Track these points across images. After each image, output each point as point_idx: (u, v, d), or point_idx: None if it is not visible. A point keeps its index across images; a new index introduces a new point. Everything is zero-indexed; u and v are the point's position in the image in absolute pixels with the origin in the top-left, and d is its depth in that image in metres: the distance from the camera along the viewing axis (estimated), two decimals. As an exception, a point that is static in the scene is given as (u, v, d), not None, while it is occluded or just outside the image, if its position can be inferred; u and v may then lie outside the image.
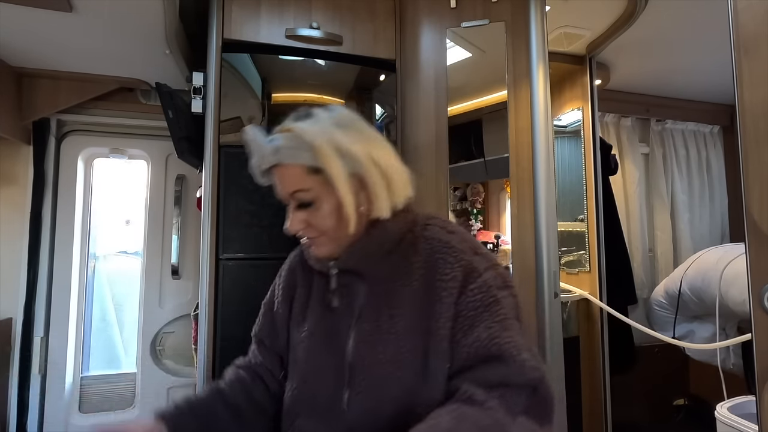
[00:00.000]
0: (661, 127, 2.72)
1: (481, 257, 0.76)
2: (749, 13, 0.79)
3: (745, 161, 0.79)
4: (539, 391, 0.69)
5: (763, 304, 0.75)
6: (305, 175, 0.72)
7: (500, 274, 0.75)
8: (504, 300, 0.72)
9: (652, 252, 2.63)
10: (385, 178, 0.73)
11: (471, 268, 0.73)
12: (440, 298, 0.72)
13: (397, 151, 0.83)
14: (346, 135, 0.72)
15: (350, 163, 0.70)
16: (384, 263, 0.76)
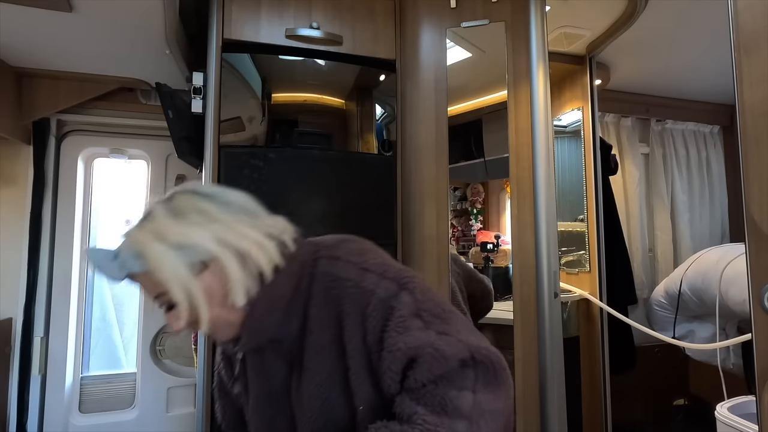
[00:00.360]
0: (661, 127, 2.72)
1: (369, 272, 0.71)
2: (749, 13, 0.79)
3: (745, 161, 0.79)
4: (478, 360, 0.66)
5: (763, 304, 0.75)
6: (158, 280, 0.65)
7: (392, 278, 0.71)
8: (401, 303, 0.68)
9: (652, 252, 2.63)
10: (237, 255, 0.66)
11: (362, 291, 0.69)
12: (351, 334, 0.69)
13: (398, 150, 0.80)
14: (182, 224, 0.66)
15: (190, 253, 0.64)
16: (284, 324, 0.71)
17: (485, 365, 0.66)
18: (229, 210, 0.70)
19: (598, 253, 1.93)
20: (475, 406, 0.62)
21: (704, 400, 2.33)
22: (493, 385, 0.65)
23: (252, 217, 0.71)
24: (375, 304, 0.68)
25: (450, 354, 0.65)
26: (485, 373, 0.66)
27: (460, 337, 0.67)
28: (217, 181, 1.32)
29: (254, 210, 0.72)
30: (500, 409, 0.65)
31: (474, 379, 0.65)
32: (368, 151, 1.50)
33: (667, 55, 2.09)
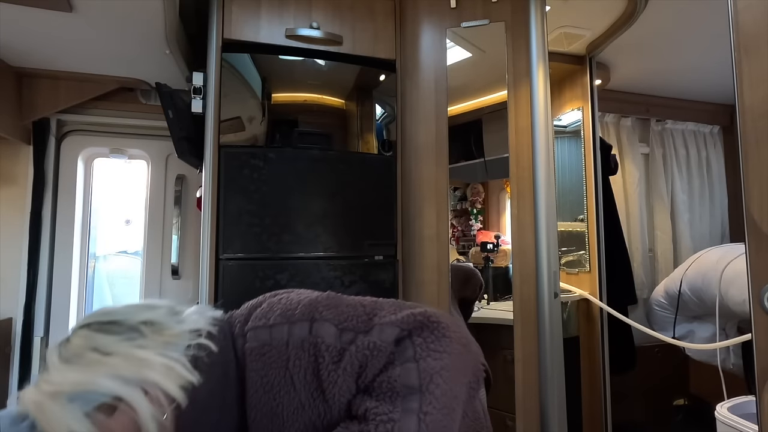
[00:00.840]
0: (661, 127, 2.72)
1: (277, 327, 0.68)
2: (749, 13, 0.79)
3: (745, 161, 0.79)
4: (410, 329, 0.64)
5: (763, 304, 0.75)
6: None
7: (300, 317, 0.67)
8: (319, 336, 0.65)
9: (652, 252, 2.62)
10: (141, 389, 0.60)
11: (278, 351, 0.66)
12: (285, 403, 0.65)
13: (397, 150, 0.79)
14: (75, 370, 0.61)
15: (88, 401, 0.59)
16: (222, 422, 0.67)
17: (419, 329, 0.64)
18: (129, 334, 0.64)
19: (598, 253, 1.93)
20: (423, 374, 0.61)
21: (704, 400, 2.33)
22: (434, 343, 0.63)
23: (158, 330, 0.65)
24: (295, 353, 0.65)
25: (381, 342, 0.63)
26: (422, 336, 0.64)
27: (387, 320, 0.65)
28: (217, 181, 1.32)
29: (162, 320, 0.67)
30: (450, 362, 0.63)
31: (412, 348, 0.63)
32: (368, 151, 1.50)
33: (667, 55, 2.09)
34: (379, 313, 0.68)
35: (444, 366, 0.62)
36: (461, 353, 0.65)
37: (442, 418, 0.60)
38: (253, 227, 1.32)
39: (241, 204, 1.32)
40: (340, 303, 0.70)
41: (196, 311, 0.72)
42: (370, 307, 0.69)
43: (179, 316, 0.69)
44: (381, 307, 0.69)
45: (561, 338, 1.40)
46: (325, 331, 0.66)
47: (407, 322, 0.64)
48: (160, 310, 0.69)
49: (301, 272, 1.35)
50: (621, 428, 1.96)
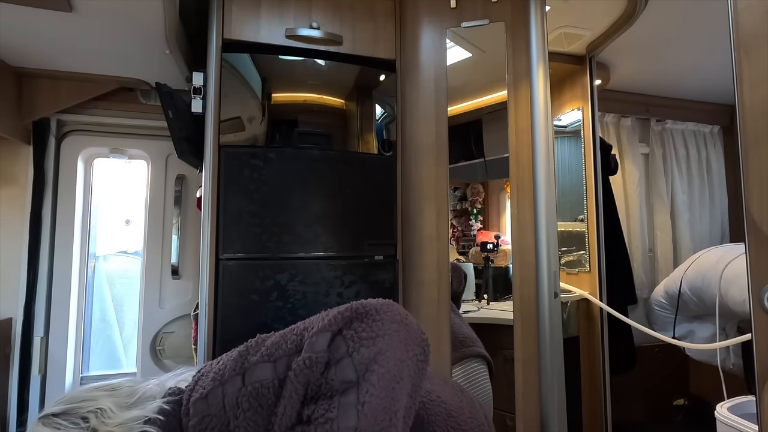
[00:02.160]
0: (661, 127, 2.72)
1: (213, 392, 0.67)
2: (749, 13, 0.79)
3: (745, 161, 0.79)
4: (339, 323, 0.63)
5: (763, 304, 0.75)
6: None
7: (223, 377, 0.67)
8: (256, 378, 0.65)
9: (652, 252, 2.63)
10: None
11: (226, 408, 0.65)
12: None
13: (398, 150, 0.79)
14: None
15: None
16: None
17: (348, 322, 0.63)
18: (73, 428, 0.65)
19: (598, 253, 1.93)
20: (358, 366, 0.60)
21: (704, 400, 2.33)
22: (365, 331, 0.62)
23: (104, 421, 0.66)
24: (234, 412, 0.64)
25: (316, 353, 0.62)
26: (353, 329, 0.63)
27: (315, 330, 0.65)
28: (217, 181, 1.32)
29: (111, 408, 0.68)
30: (388, 344, 0.62)
31: (345, 343, 0.62)
32: (368, 151, 1.50)
33: (667, 55, 2.09)
34: (309, 327, 0.67)
35: (379, 350, 0.61)
36: (397, 331, 0.64)
37: (382, 401, 0.59)
38: (253, 227, 1.32)
39: (241, 204, 1.32)
40: (266, 340, 0.69)
41: (157, 384, 0.72)
42: (300, 328, 0.68)
43: (135, 397, 0.70)
44: (311, 322, 0.68)
45: (561, 338, 1.40)
46: (259, 373, 0.65)
47: (335, 321, 0.64)
48: (118, 392, 0.70)
49: (301, 272, 1.35)
50: (621, 428, 1.96)
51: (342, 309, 0.65)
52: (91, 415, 0.66)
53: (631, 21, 1.67)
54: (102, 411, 0.67)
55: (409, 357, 0.64)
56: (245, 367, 0.67)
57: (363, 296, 1.28)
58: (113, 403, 0.68)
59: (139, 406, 0.68)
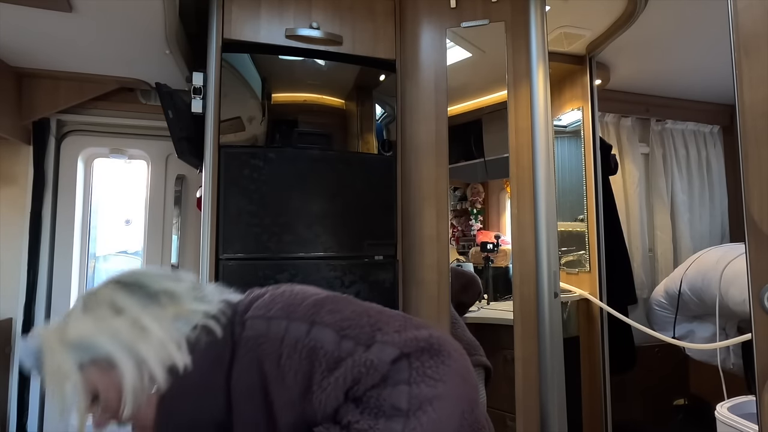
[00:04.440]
0: (661, 127, 2.72)
1: (276, 320, 0.67)
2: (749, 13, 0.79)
3: (745, 161, 0.79)
4: (409, 352, 0.62)
5: (763, 304, 0.75)
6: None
7: (301, 317, 0.67)
8: (317, 339, 0.64)
9: (652, 252, 2.63)
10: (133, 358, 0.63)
11: (271, 344, 0.65)
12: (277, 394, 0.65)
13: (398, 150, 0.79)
14: (86, 320, 0.66)
15: (84, 352, 0.63)
16: (205, 407, 0.67)
17: (419, 353, 0.62)
18: (147, 300, 0.68)
19: (598, 253, 1.93)
20: (412, 399, 0.59)
21: (704, 400, 2.33)
22: (432, 369, 0.61)
23: (174, 303, 0.68)
24: (288, 352, 0.64)
25: (379, 361, 0.61)
26: (421, 360, 0.62)
27: (389, 339, 0.64)
28: (217, 181, 1.32)
29: (181, 294, 0.70)
30: (446, 391, 0.61)
31: (408, 371, 0.61)
32: (368, 151, 1.51)
33: (667, 55, 2.09)
34: (384, 328, 0.66)
35: (438, 395, 0.60)
36: (458, 384, 0.63)
37: None
38: (253, 227, 1.32)
39: (241, 204, 1.32)
40: (345, 308, 0.69)
41: (215, 291, 0.74)
42: (375, 319, 0.67)
43: (199, 293, 0.72)
44: (387, 321, 0.67)
45: (561, 338, 1.40)
46: (324, 337, 0.64)
47: (409, 345, 0.63)
48: (184, 284, 0.72)
49: (301, 272, 1.35)
50: (621, 428, 1.96)
51: (420, 335, 0.64)
52: (161, 295, 0.69)
53: (631, 21, 1.66)
54: (172, 293, 0.70)
55: (459, 413, 0.63)
56: (315, 322, 0.66)
57: (363, 296, 1.28)
58: (181, 290, 0.70)
59: (204, 301, 0.71)
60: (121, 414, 0.65)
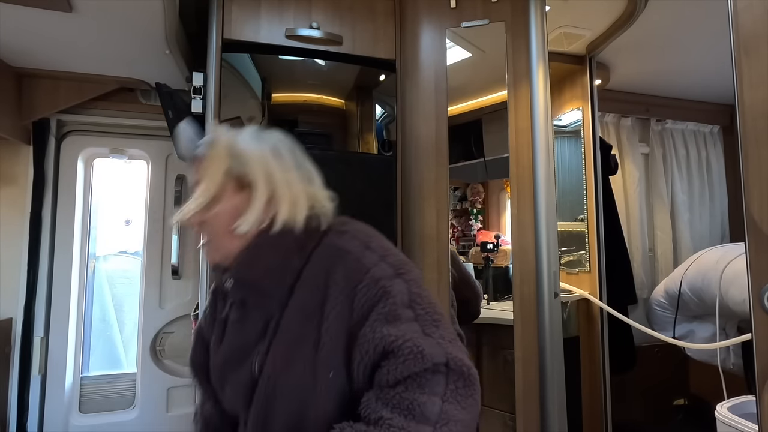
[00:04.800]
0: (661, 127, 2.72)
1: (371, 251, 0.75)
2: (749, 13, 0.79)
3: (745, 161, 0.79)
4: (452, 369, 0.66)
5: (763, 304, 0.75)
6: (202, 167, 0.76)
7: (391, 263, 0.73)
8: (394, 289, 0.70)
9: (652, 252, 2.63)
10: (269, 194, 0.74)
11: (359, 266, 0.72)
12: (334, 303, 0.70)
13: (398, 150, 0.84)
14: (253, 144, 0.78)
15: (238, 165, 0.74)
16: (275, 274, 0.74)
17: (458, 374, 0.66)
18: (297, 163, 0.79)
19: (598, 253, 1.93)
20: (442, 414, 0.63)
21: (704, 400, 2.33)
22: (462, 396, 0.66)
23: (308, 182, 0.80)
24: (368, 282, 0.69)
25: (428, 354, 0.65)
26: (456, 383, 0.66)
27: (441, 342, 0.67)
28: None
29: (315, 180, 0.82)
30: (465, 420, 0.65)
31: (445, 387, 0.65)
32: (368, 151, 1.50)
33: (667, 55, 2.09)
34: (443, 331, 0.70)
35: (460, 420, 0.65)
36: (474, 416, 0.68)
37: None
38: (253, 227, 1.32)
39: (241, 204, 1.32)
40: (420, 284, 0.74)
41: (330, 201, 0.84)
42: (440, 316, 0.72)
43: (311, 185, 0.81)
44: (446, 326, 0.71)
45: (561, 338, 1.40)
46: (400, 291, 0.70)
47: (455, 362, 0.67)
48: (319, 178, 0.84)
49: (301, 272, 1.35)
50: (621, 428, 1.96)
51: (465, 361, 0.68)
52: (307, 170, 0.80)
53: (631, 21, 1.66)
54: (312, 176, 0.82)
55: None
56: (401, 275, 0.72)
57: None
58: (317, 178, 0.83)
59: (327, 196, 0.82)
60: (219, 231, 0.74)
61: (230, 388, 0.77)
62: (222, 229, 0.74)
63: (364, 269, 0.71)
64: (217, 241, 0.75)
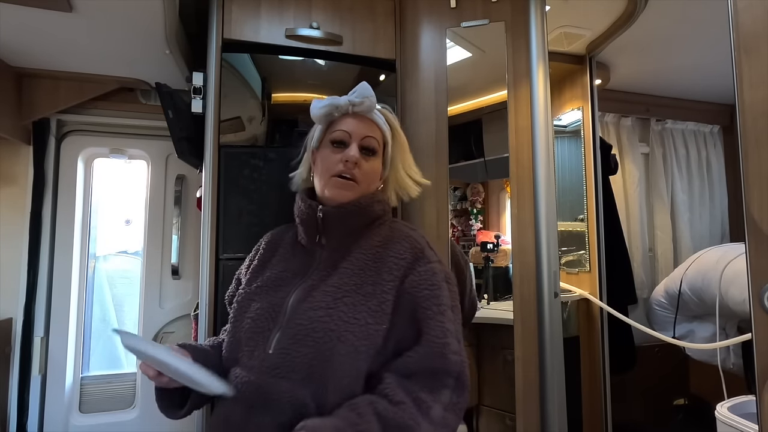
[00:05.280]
0: (661, 127, 2.72)
1: (433, 252, 0.89)
2: (749, 13, 0.79)
3: (745, 161, 0.79)
4: (460, 381, 0.77)
5: (763, 304, 0.75)
6: (380, 137, 0.99)
7: (445, 270, 0.87)
8: (444, 290, 0.82)
9: (652, 252, 2.63)
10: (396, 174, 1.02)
11: (423, 254, 0.85)
12: (389, 269, 0.82)
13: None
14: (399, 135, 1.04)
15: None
16: (354, 231, 0.90)
17: (462, 389, 0.77)
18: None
19: (598, 253, 1.93)
20: (442, 420, 0.73)
21: (704, 400, 2.33)
22: (459, 408, 0.76)
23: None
24: (427, 270, 0.82)
25: (450, 360, 0.76)
26: (459, 396, 0.76)
27: (462, 353, 0.79)
28: (217, 181, 1.32)
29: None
30: (456, 427, 0.77)
31: (449, 397, 0.75)
32: (368, 151, 1.50)
33: (667, 55, 2.09)
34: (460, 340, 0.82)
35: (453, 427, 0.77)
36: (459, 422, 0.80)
37: None
38: (253, 227, 1.32)
39: (241, 204, 1.32)
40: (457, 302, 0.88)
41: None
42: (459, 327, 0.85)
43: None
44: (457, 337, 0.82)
45: (561, 338, 1.39)
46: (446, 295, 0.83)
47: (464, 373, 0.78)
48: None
49: (301, 272, 1.35)
50: (621, 428, 1.96)
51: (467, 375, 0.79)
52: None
53: (631, 21, 1.66)
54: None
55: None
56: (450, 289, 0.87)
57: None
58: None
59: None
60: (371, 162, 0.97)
61: (255, 314, 0.85)
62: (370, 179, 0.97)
63: (426, 259, 0.84)
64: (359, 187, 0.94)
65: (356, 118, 0.97)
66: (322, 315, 0.78)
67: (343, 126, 0.97)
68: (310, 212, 0.92)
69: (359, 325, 0.77)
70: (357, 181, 0.92)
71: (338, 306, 0.78)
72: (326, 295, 0.81)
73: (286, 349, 0.77)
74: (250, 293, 0.90)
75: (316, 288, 0.83)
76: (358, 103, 0.97)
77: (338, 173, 0.92)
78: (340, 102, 0.98)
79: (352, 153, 0.92)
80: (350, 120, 0.97)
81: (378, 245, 0.87)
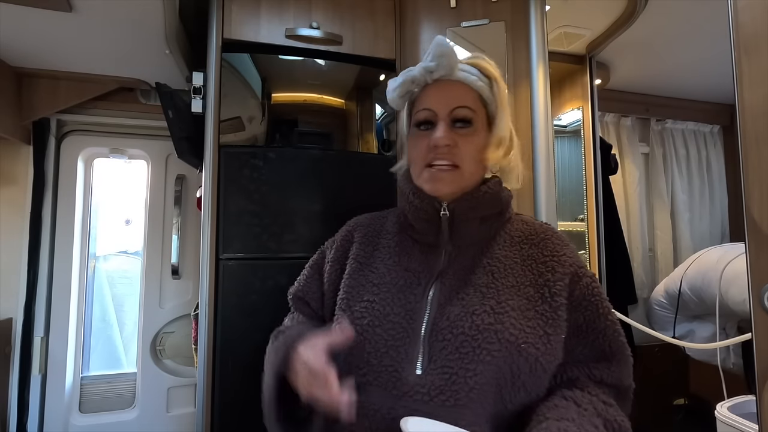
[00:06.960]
0: (661, 126, 2.72)
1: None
2: (749, 13, 0.79)
3: (745, 161, 0.78)
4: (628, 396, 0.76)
5: (763, 304, 0.75)
6: (475, 99, 0.78)
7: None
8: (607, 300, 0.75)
9: (652, 252, 2.62)
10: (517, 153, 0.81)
11: (579, 261, 0.74)
12: (552, 270, 0.70)
13: (398, 150, 0.86)
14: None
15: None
16: (486, 223, 0.77)
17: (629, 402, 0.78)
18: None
19: (598, 253, 1.93)
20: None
21: (704, 400, 2.33)
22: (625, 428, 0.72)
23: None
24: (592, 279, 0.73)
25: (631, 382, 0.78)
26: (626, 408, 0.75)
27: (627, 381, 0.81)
28: (217, 181, 1.32)
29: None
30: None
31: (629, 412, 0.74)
32: (368, 151, 1.50)
33: (667, 55, 2.09)
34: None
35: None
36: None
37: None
38: (253, 227, 1.32)
39: (241, 204, 1.32)
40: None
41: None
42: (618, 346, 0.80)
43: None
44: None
45: (561, 338, 1.39)
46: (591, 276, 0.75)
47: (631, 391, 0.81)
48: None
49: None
50: (621, 428, 1.95)
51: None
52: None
53: (631, 21, 1.66)
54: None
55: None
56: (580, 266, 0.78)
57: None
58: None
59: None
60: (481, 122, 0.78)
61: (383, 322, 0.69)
62: (473, 159, 0.78)
63: (584, 267, 0.74)
64: (457, 172, 0.79)
65: (439, 87, 0.79)
66: (492, 321, 0.62)
67: (425, 103, 0.80)
68: (429, 209, 0.75)
69: (537, 335, 0.63)
70: (457, 165, 0.73)
71: (506, 310, 0.64)
72: (484, 297, 0.65)
73: (450, 368, 0.60)
74: (363, 293, 0.73)
75: (461, 289, 0.67)
76: (434, 68, 0.79)
77: (430, 162, 0.75)
78: (414, 74, 0.81)
79: (438, 135, 0.73)
80: (432, 91, 0.80)
81: (520, 241, 0.74)
